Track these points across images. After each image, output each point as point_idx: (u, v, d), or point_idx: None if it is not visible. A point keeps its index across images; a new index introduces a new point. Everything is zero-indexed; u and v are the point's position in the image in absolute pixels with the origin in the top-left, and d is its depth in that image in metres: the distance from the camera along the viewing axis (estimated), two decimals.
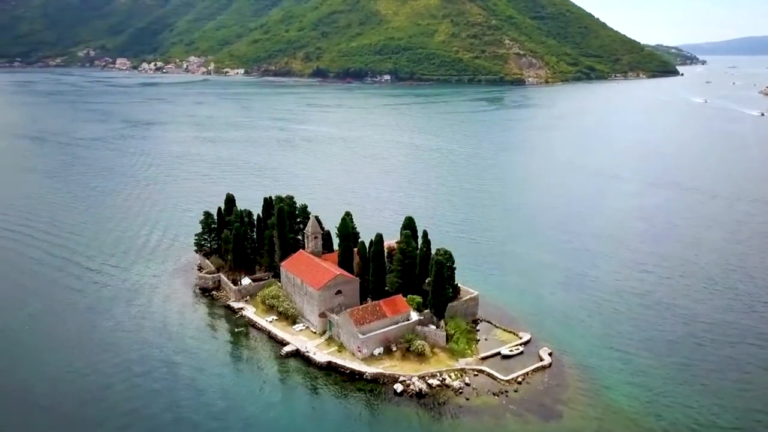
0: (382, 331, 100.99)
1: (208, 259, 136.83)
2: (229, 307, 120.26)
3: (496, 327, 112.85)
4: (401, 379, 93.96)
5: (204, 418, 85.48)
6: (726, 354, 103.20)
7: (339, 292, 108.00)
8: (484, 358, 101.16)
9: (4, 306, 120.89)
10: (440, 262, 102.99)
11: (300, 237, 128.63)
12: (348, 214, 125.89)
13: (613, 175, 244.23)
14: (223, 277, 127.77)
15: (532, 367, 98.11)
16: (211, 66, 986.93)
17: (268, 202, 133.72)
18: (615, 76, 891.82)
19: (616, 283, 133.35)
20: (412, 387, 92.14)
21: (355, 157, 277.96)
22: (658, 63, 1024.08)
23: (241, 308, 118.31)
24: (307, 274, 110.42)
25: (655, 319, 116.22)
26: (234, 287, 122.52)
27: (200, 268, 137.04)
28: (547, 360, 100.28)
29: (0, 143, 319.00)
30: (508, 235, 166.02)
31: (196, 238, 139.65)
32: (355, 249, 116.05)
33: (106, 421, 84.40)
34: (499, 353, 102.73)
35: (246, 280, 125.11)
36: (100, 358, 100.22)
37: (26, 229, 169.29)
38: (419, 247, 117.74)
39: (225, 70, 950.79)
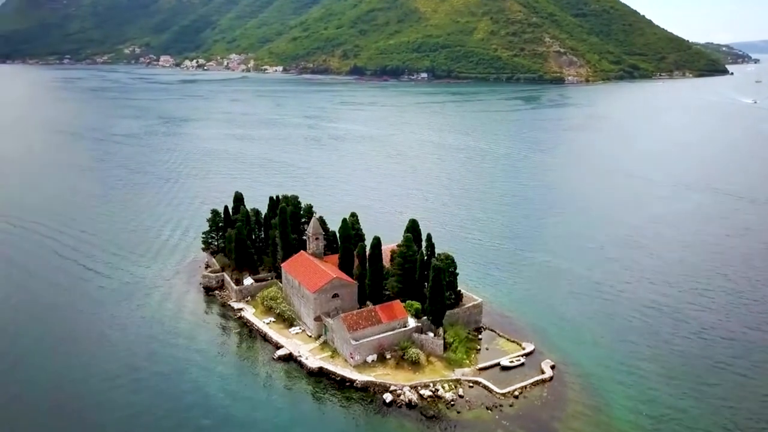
0: (376, 337, 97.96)
1: (214, 257, 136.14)
2: (229, 307, 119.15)
3: (500, 336, 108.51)
4: (392, 388, 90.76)
5: (186, 419, 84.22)
6: (747, 377, 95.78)
7: (336, 295, 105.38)
8: (482, 369, 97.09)
9: (7, 302, 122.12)
10: (438, 268, 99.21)
11: (305, 238, 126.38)
12: (353, 215, 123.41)
13: (646, 178, 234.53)
14: (227, 276, 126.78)
15: (531, 380, 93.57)
16: (251, 63, 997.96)
17: (273, 202, 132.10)
18: (660, 75, 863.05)
19: (634, 293, 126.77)
20: (402, 397, 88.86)
21: (380, 156, 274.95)
22: (707, 62, 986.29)
23: (241, 309, 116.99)
24: (305, 276, 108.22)
25: (672, 334, 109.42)
26: (235, 287, 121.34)
27: (207, 267, 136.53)
28: (548, 373, 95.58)
29: (37, 138, 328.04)
30: (524, 240, 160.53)
31: (204, 236, 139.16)
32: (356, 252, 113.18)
33: (89, 418, 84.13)
34: (498, 364, 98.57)
35: (248, 280, 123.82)
36: (94, 357, 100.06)
37: (40, 226, 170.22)
38: (422, 250, 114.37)
39: (264, 67, 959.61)
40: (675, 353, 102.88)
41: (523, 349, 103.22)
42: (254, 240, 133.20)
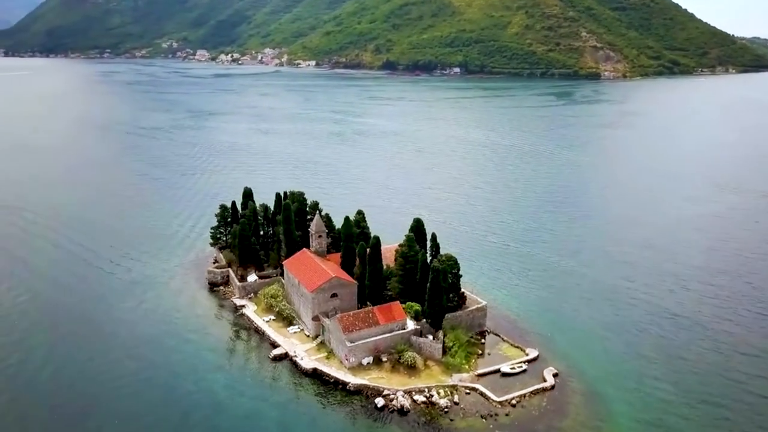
0: (372, 339, 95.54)
1: (222, 253, 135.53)
2: (232, 304, 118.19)
3: (504, 341, 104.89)
4: (385, 392, 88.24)
5: (172, 418, 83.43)
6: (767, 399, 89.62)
7: (334, 295, 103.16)
8: (480, 375, 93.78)
9: (15, 297, 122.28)
10: (437, 269, 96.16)
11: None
12: (360, 212, 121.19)
13: (677, 177, 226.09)
14: (231, 272, 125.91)
15: (531, 389, 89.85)
16: (284, 58, 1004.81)
17: (280, 198, 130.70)
18: (701, 71, 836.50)
19: (651, 301, 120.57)
20: (394, 402, 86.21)
21: (400, 153, 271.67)
22: (752, 57, 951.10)
23: (243, 306, 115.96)
24: (304, 275, 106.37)
25: (688, 347, 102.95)
26: (239, 283, 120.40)
27: (216, 262, 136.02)
28: (550, 382, 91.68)
29: (66, 131, 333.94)
30: (540, 241, 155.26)
31: (212, 231, 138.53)
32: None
33: (73, 411, 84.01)
34: (498, 370, 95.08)
35: (252, 277, 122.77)
36: (90, 354, 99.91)
37: (55, 222, 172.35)
38: (428, 250, 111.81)
39: (297, 61, 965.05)
40: (689, 368, 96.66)
41: (527, 355, 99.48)
42: (262, 236, 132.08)
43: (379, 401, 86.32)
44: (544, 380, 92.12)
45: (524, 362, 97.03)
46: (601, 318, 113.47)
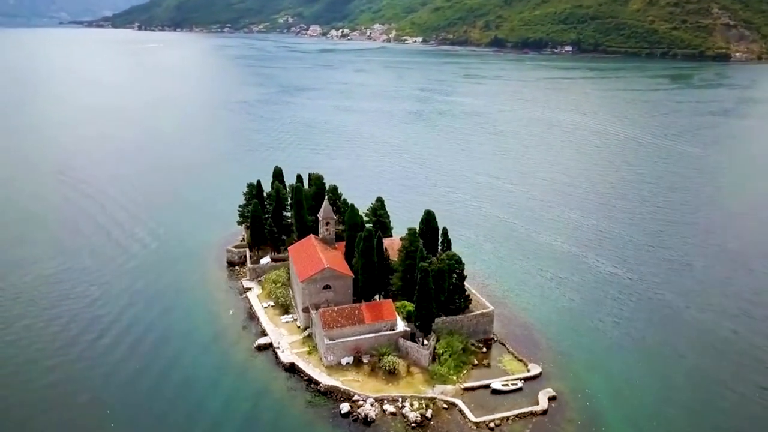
0: (353, 338, 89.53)
1: (247, 232, 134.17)
2: (241, 285, 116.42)
3: (509, 352, 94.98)
4: (355, 398, 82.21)
5: (134, 396, 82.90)
6: None
7: (327, 287, 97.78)
8: (467, 389, 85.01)
9: (37, 262, 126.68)
10: (425, 270, 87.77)
11: None
12: (379, 199, 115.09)
13: None
14: (248, 252, 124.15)
15: (517, 412, 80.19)
16: (392, 33, 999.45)
17: (301, 180, 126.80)
18: None
19: (700, 327, 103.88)
20: (360, 410, 79.95)
21: (473, 135, 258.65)
22: None
23: (249, 288, 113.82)
24: (301, 263, 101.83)
25: (727, 388, 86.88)
26: (250, 265, 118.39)
27: (243, 240, 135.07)
28: (542, 405, 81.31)
29: (161, 102, 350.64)
30: (592, 244, 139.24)
31: (240, 209, 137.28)
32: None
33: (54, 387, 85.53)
34: (488, 386, 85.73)
35: (265, 259, 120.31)
36: (83, 319, 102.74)
37: (118, 192, 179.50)
38: (438, 246, 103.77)
39: (404, 38, 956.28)
40: (723, 417, 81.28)
41: (528, 371, 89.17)
42: (287, 218, 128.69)
43: (344, 407, 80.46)
44: (537, 403, 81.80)
45: (521, 379, 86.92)
46: (632, 339, 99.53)
